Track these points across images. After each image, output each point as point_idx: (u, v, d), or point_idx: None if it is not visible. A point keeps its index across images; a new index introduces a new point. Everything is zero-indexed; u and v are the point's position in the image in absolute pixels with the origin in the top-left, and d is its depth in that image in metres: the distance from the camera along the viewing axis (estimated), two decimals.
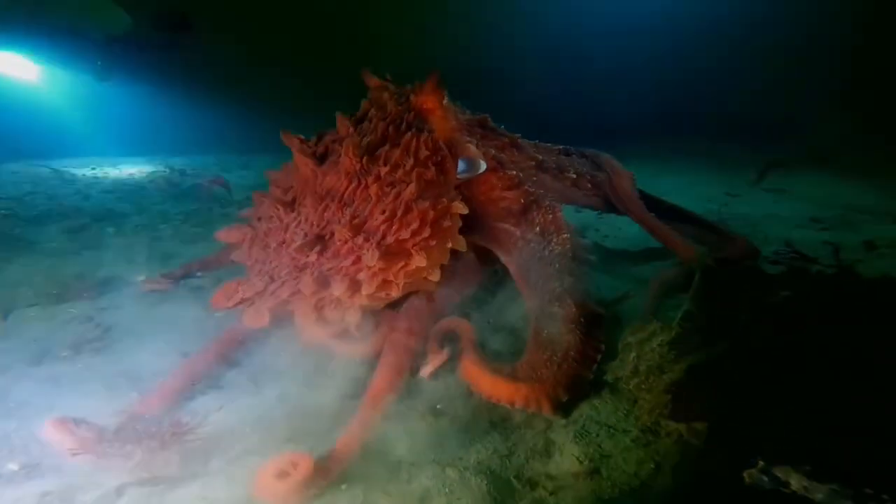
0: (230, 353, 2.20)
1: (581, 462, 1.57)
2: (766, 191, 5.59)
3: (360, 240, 1.93)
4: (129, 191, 6.51)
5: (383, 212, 1.96)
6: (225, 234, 2.42)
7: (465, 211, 2.06)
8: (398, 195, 1.98)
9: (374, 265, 1.88)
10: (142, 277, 3.13)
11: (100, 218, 4.78)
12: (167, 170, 7.29)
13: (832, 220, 4.10)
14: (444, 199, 2.02)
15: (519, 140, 2.74)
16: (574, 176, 2.73)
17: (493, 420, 1.80)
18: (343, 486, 1.56)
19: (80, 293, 2.96)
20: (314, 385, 2.02)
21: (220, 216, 4.67)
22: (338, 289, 1.89)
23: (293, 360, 2.14)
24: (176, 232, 4.29)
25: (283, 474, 1.48)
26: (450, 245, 2.00)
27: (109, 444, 1.63)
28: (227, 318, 2.53)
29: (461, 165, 2.24)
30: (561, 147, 3.03)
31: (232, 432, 1.80)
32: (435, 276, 1.98)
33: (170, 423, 1.69)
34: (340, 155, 2.13)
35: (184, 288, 2.97)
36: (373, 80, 2.55)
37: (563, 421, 1.73)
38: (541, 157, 2.68)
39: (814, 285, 2.06)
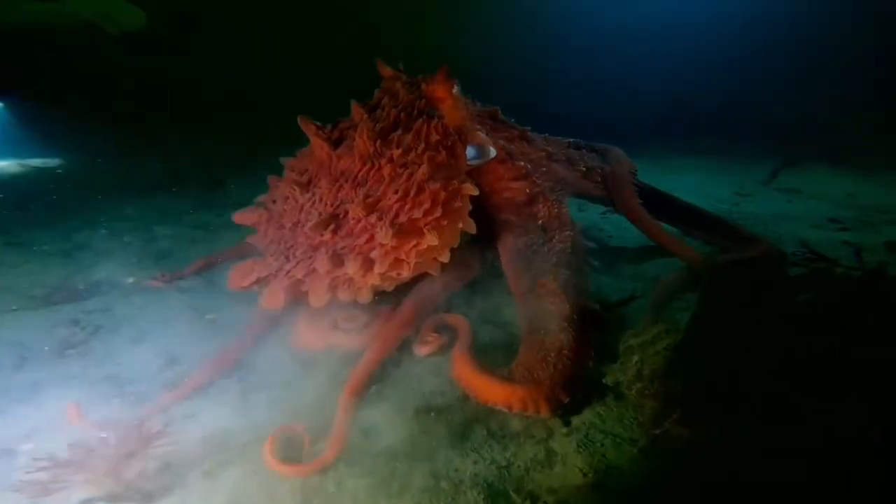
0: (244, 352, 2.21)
1: (585, 474, 1.50)
2: (780, 190, 5.48)
3: (373, 218, 2.02)
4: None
5: (396, 191, 2.06)
6: (242, 217, 2.52)
7: (476, 192, 2.15)
8: (410, 176, 2.08)
9: (388, 243, 1.95)
10: (132, 279, 3.08)
11: (91, 218, 4.73)
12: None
13: (851, 221, 4.01)
14: (455, 182, 2.12)
15: (528, 133, 2.82)
16: (584, 169, 2.72)
17: (490, 428, 1.74)
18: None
19: (68, 295, 2.91)
20: (304, 388, 1.98)
21: (218, 216, 4.62)
22: (351, 267, 1.98)
23: (283, 363, 2.10)
24: (173, 233, 4.24)
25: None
26: (461, 226, 2.08)
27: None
28: (220, 319, 2.50)
29: (471, 152, 2.34)
30: (570, 140, 3.03)
31: (218, 439, 1.75)
32: (445, 257, 2.06)
33: (142, 431, 1.62)
34: (355, 139, 2.23)
35: (174, 289, 2.93)
36: (386, 70, 2.67)
37: (565, 429, 1.65)
38: (550, 150, 2.70)
39: (836, 287, 1.99)
